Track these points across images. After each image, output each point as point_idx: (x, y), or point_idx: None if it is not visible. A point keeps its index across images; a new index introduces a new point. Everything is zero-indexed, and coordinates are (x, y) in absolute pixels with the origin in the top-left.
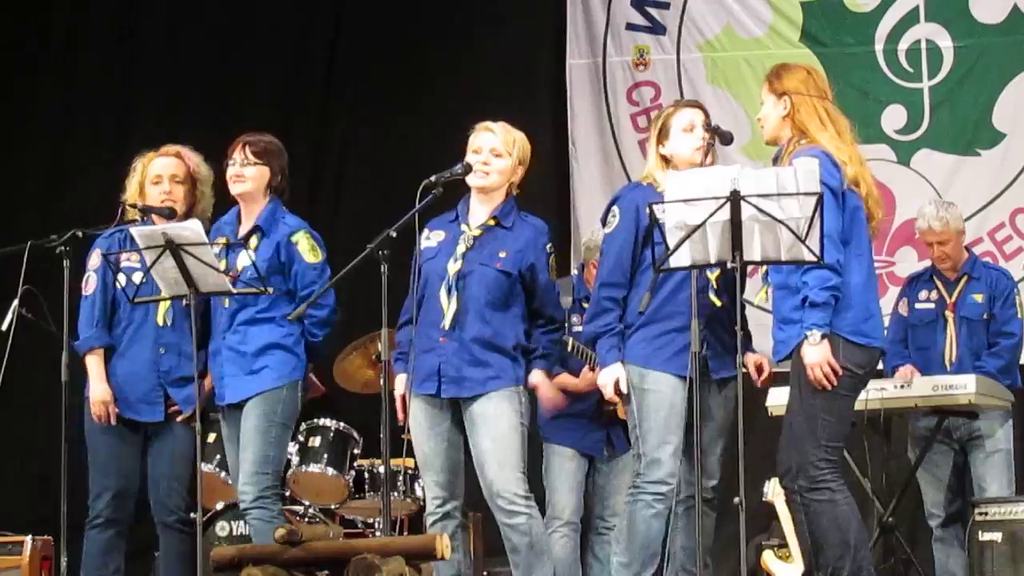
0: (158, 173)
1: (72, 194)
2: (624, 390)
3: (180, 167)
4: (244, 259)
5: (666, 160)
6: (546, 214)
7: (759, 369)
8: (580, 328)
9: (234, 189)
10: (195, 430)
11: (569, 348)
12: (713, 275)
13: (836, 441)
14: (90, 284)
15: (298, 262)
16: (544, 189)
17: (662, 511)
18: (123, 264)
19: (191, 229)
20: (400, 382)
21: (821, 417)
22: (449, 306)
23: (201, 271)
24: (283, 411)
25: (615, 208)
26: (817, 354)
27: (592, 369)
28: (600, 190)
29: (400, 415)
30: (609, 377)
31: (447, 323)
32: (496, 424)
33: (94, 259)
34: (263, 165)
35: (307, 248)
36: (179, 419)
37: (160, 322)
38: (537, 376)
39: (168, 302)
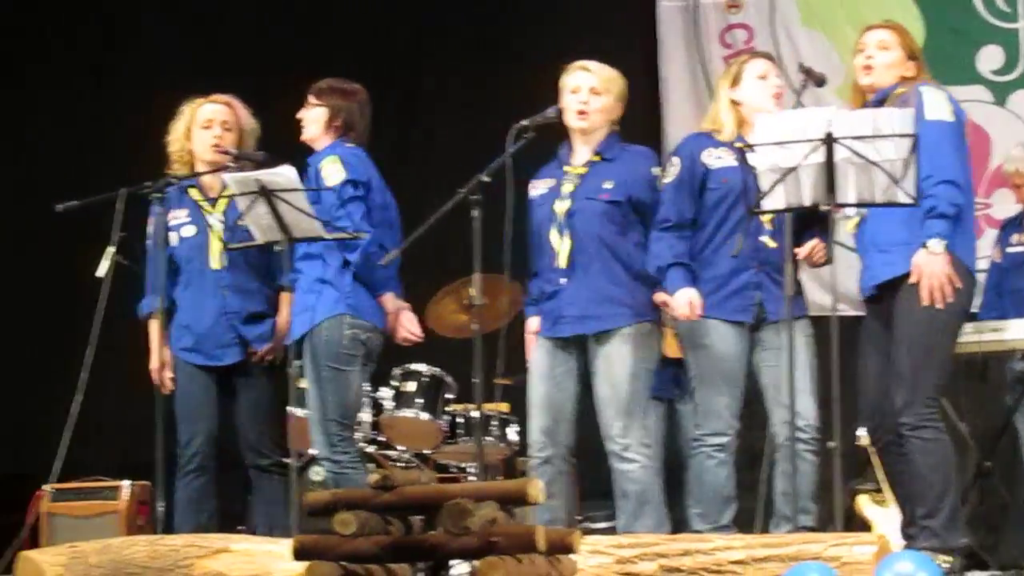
0: (209, 118)
1: (158, 142)
2: (699, 312)
3: (230, 114)
4: None
5: (736, 106)
6: None
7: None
8: None
9: (302, 136)
10: (278, 373)
11: None
12: (767, 217)
13: (944, 379)
14: (151, 246)
15: (321, 187)
16: (635, 132)
17: (724, 459)
18: (171, 223)
19: (284, 175)
20: (532, 324)
21: (934, 349)
22: (562, 246)
23: (294, 217)
24: (329, 352)
25: (674, 158)
26: (937, 264)
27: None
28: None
29: (529, 358)
30: (683, 298)
31: (562, 262)
32: (616, 369)
33: (150, 225)
34: (321, 106)
35: (327, 172)
36: (255, 359)
37: (216, 265)
38: (662, 295)
39: (219, 244)
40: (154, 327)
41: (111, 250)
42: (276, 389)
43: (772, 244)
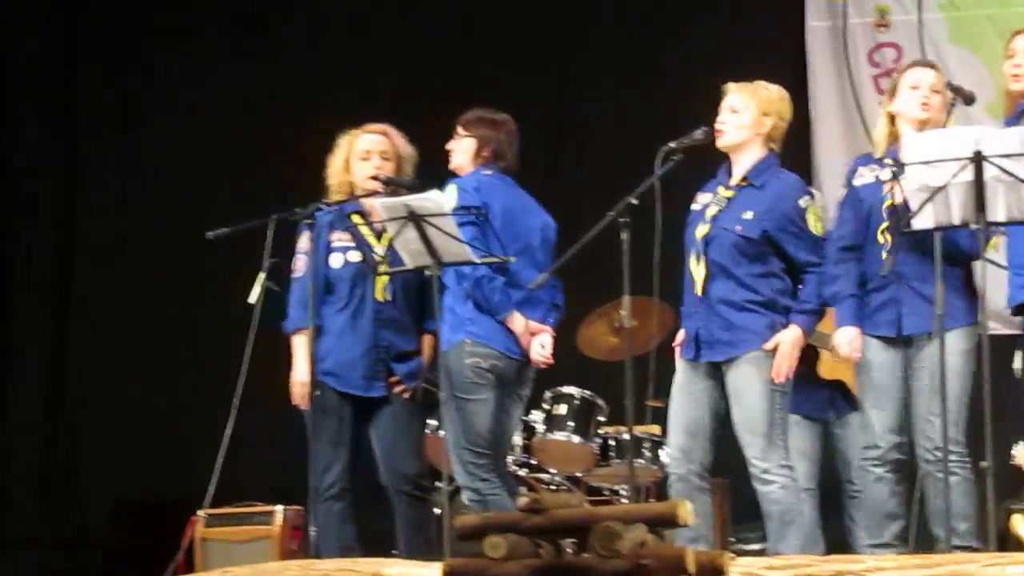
0: (367, 149)
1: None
2: (858, 354)
3: (387, 144)
4: None
5: (892, 118)
6: None
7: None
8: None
9: (451, 165)
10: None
11: None
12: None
13: None
14: (299, 266)
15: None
16: (785, 153)
17: (882, 474)
18: (335, 244)
19: (433, 200)
20: (681, 335)
21: None
22: (698, 271)
23: (443, 242)
24: (451, 379)
25: (846, 179)
26: None
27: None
28: (842, 153)
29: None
30: (845, 337)
31: (698, 288)
32: (745, 393)
33: (303, 241)
34: (469, 136)
35: (447, 199)
36: (398, 390)
37: (380, 297)
38: (784, 335)
39: (386, 277)
40: (302, 342)
41: (262, 276)
42: (418, 413)
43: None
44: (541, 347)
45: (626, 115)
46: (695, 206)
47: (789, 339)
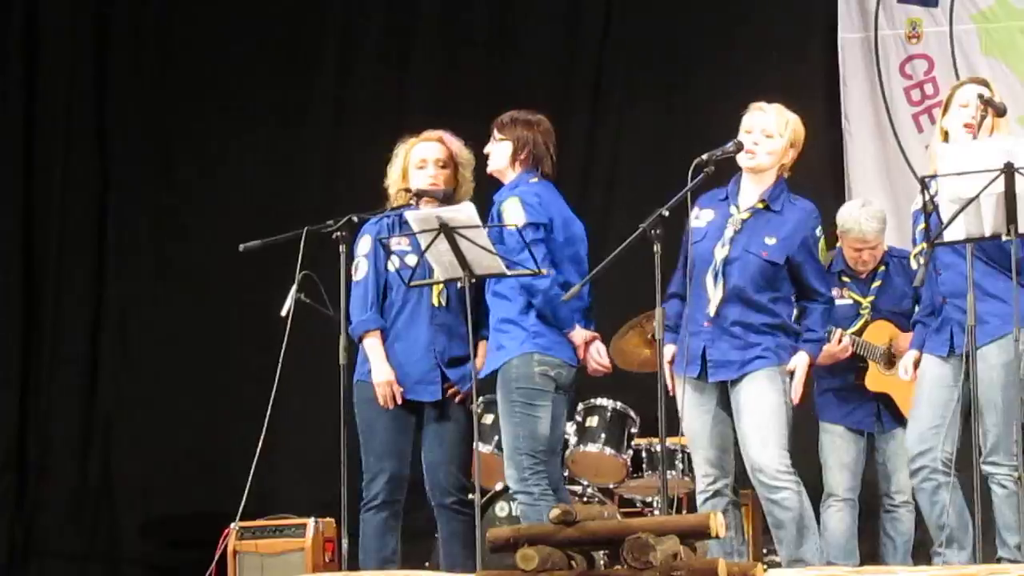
0: (423, 157)
1: (346, 181)
2: (915, 376)
3: (443, 151)
4: None
5: (946, 134)
6: (820, 190)
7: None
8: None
9: (488, 169)
10: (471, 411)
11: None
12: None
13: None
14: (360, 270)
15: (504, 229)
16: (818, 165)
17: (934, 488)
18: (394, 248)
19: (464, 212)
20: (667, 352)
21: None
22: (715, 292)
23: (475, 254)
24: (519, 388)
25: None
26: None
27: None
28: (874, 165)
29: (670, 386)
30: (909, 360)
31: (712, 310)
32: (757, 405)
33: (363, 245)
34: (505, 140)
35: (508, 214)
36: (457, 399)
37: (436, 303)
38: (800, 359)
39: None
40: (374, 343)
41: (293, 289)
42: (467, 425)
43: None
44: (598, 354)
45: (658, 129)
46: (697, 223)
47: (804, 364)
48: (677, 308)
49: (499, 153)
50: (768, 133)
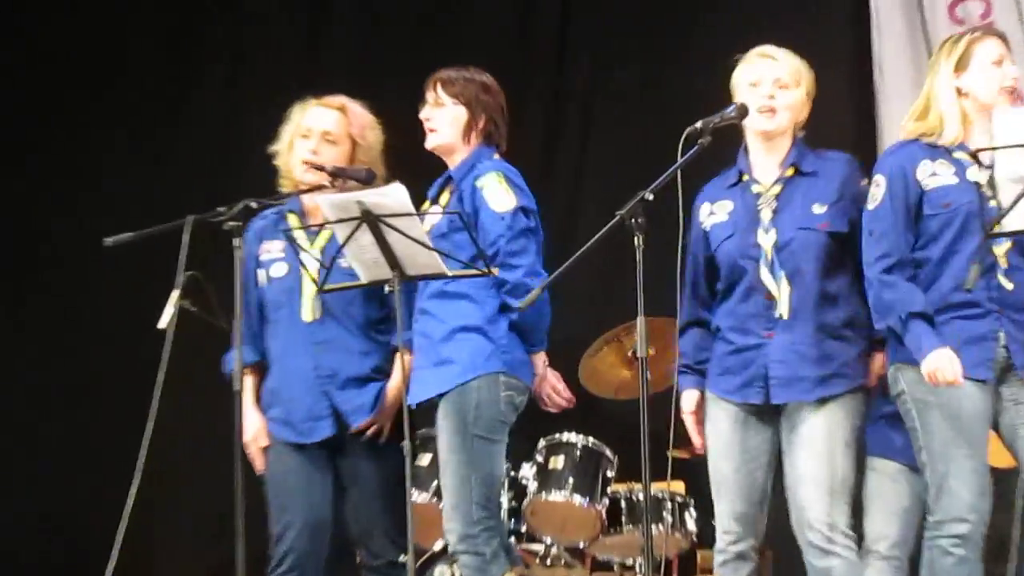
0: (309, 126)
1: (247, 166)
2: (962, 377)
3: (340, 124)
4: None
5: (962, 98)
6: None
7: None
8: None
9: (427, 143)
10: (399, 449)
11: None
12: (1001, 250)
13: None
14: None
15: (483, 210)
16: (841, 131)
17: (966, 556)
18: (262, 257)
19: (393, 195)
20: (689, 400)
21: None
22: (781, 289)
23: (407, 249)
24: (479, 417)
25: (878, 176)
26: None
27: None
28: None
29: (697, 442)
30: (944, 359)
31: (784, 311)
32: (824, 439)
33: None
34: (460, 105)
35: (494, 192)
36: (355, 430)
37: (308, 317)
38: (878, 366)
39: (312, 292)
40: (247, 383)
41: (175, 295)
42: (390, 470)
43: (1010, 285)
44: (559, 384)
45: (641, 90)
46: (714, 218)
47: (878, 372)
48: (696, 341)
49: (448, 121)
50: (783, 83)
